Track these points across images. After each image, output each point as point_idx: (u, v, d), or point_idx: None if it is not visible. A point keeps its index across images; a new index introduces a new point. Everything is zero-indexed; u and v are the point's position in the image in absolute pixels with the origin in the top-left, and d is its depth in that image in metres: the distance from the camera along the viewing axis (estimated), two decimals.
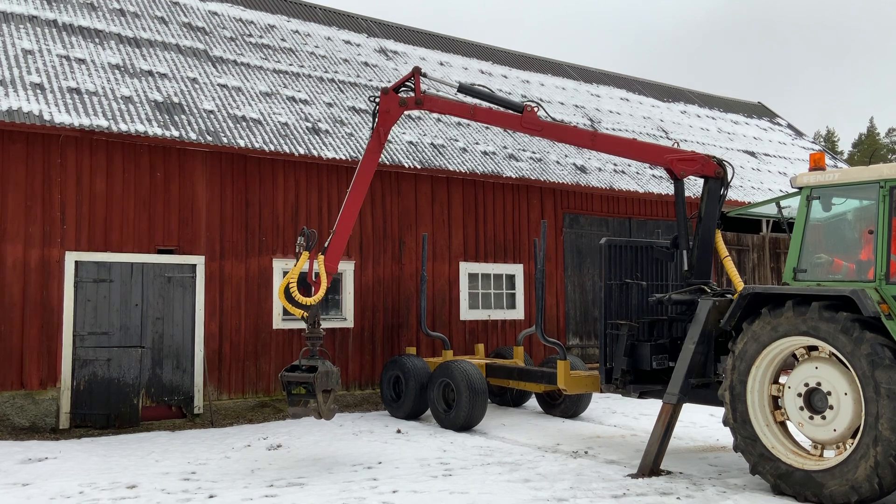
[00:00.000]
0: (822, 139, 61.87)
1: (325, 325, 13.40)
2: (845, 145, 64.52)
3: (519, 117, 10.47)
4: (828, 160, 26.05)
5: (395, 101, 10.25)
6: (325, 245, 9.75)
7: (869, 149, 58.05)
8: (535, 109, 10.48)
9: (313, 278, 9.66)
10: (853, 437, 7.24)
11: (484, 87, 10.86)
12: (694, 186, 16.85)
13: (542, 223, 11.55)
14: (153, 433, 11.24)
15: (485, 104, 10.81)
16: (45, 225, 11.28)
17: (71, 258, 11.40)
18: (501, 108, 10.66)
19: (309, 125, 14.04)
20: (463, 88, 10.69)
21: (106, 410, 11.46)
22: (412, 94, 10.28)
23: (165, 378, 12.00)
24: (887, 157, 58.06)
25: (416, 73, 10.33)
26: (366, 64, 17.70)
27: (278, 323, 13.01)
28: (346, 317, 13.72)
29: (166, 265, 12.13)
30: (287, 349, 13.07)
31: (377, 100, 10.24)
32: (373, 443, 10.52)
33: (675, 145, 10.50)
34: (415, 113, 16.38)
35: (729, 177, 10.06)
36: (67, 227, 11.42)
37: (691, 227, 10.12)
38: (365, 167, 10.21)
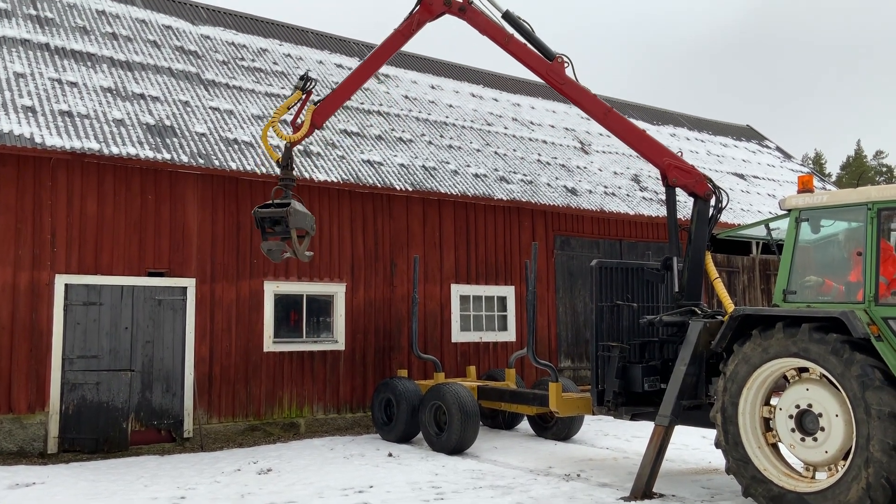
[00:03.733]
0: (810, 162, 62.38)
1: (315, 347, 13.41)
2: (833, 167, 65.09)
3: (547, 64, 10.63)
4: (816, 182, 26.24)
5: None
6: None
7: (857, 171, 58.55)
8: (565, 64, 10.59)
9: (298, 121, 10.13)
10: (845, 458, 7.25)
11: (527, 22, 10.93)
12: (684, 208, 16.93)
13: (533, 245, 11.58)
14: (142, 457, 11.13)
15: (522, 39, 10.88)
16: (35, 248, 11.24)
17: (61, 281, 11.34)
18: (535, 50, 10.76)
19: (300, 148, 14.06)
20: (508, 16, 10.89)
21: (94, 435, 11.36)
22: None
23: (155, 402, 11.91)
24: (875, 180, 58.56)
25: None
26: None
27: (269, 345, 12.96)
28: (337, 339, 13.67)
29: (157, 287, 12.08)
30: (278, 372, 13.01)
31: None
32: (364, 466, 10.44)
33: (680, 153, 10.60)
34: (406, 136, 16.46)
35: (723, 203, 10.10)
36: (58, 250, 11.38)
37: (682, 241, 10.18)
38: (387, 43, 10.68)
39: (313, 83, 10.24)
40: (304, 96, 10.37)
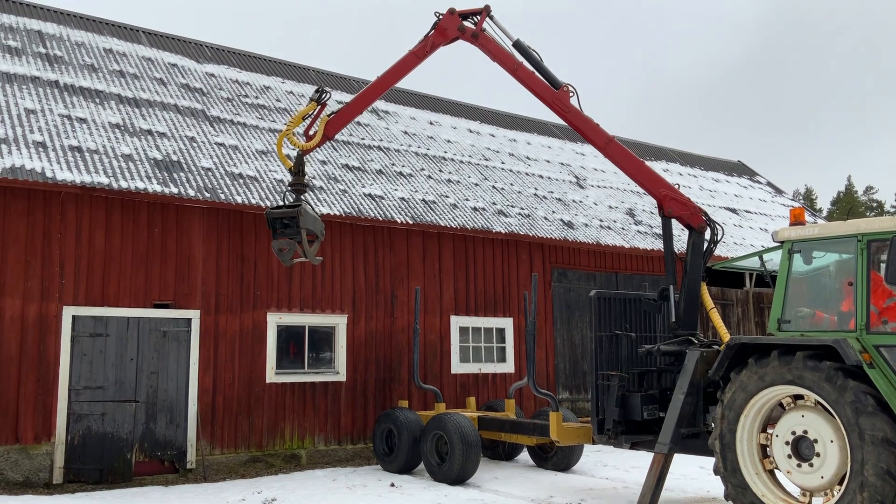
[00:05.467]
0: (801, 197, 63.07)
1: (317, 378, 13.56)
2: (824, 203, 65.72)
3: (553, 92, 11.01)
4: (807, 217, 26.66)
5: (454, 24, 11.02)
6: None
7: (847, 206, 59.21)
8: (570, 94, 10.95)
9: (311, 132, 10.59)
10: (840, 483, 7.43)
11: (536, 52, 11.28)
12: (679, 241, 17.22)
13: (532, 276, 11.82)
14: (146, 488, 11.21)
15: (530, 67, 11.21)
16: (43, 280, 11.43)
17: (68, 313, 11.51)
18: (542, 78, 11.12)
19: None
20: (518, 45, 11.26)
21: (99, 465, 11.44)
22: (473, 26, 11.11)
23: (159, 432, 12.01)
24: (865, 215, 59.18)
25: (486, 11, 11.13)
26: (358, 123, 18.16)
27: (271, 377, 13.10)
28: (338, 370, 13.82)
29: (162, 319, 12.25)
30: (280, 403, 13.14)
31: (441, 15, 10.97)
32: (367, 497, 10.54)
33: (678, 186, 10.92)
34: (406, 170, 16.79)
35: (718, 236, 10.39)
36: (66, 282, 11.57)
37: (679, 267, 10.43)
38: (401, 63, 11.07)
39: (328, 95, 10.61)
40: (318, 108, 10.75)
